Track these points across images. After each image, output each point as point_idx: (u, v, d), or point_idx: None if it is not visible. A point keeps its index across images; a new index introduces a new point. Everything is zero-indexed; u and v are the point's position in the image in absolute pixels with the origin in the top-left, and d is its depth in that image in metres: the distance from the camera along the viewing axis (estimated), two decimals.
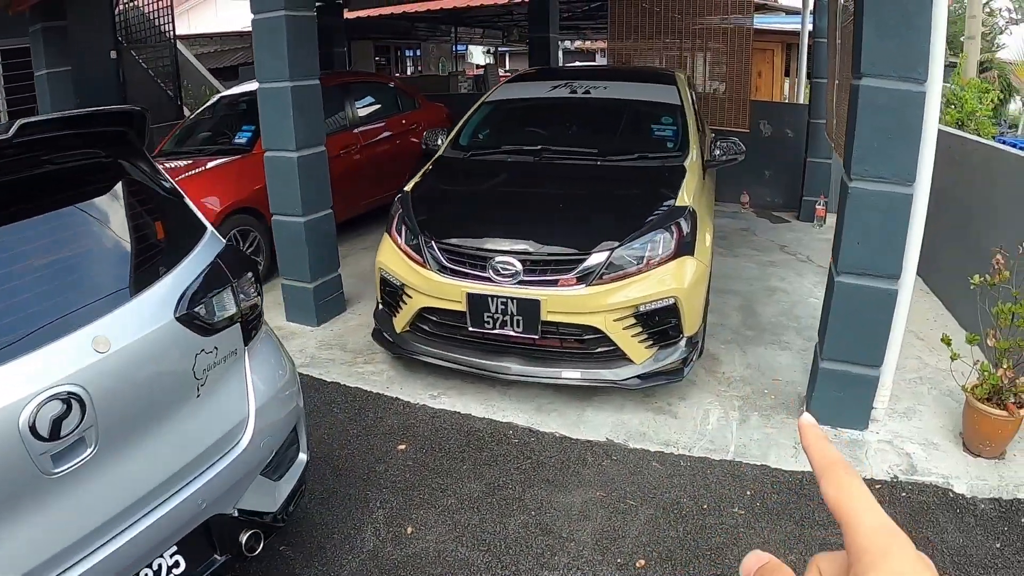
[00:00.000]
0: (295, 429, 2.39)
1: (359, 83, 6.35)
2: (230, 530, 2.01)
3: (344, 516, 2.82)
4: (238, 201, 4.55)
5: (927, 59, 2.86)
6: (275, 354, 2.40)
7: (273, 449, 2.20)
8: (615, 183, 3.77)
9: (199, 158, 4.95)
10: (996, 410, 3.08)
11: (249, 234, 4.77)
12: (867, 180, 3.03)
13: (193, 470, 1.90)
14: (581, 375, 3.33)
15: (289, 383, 2.37)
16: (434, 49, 18.81)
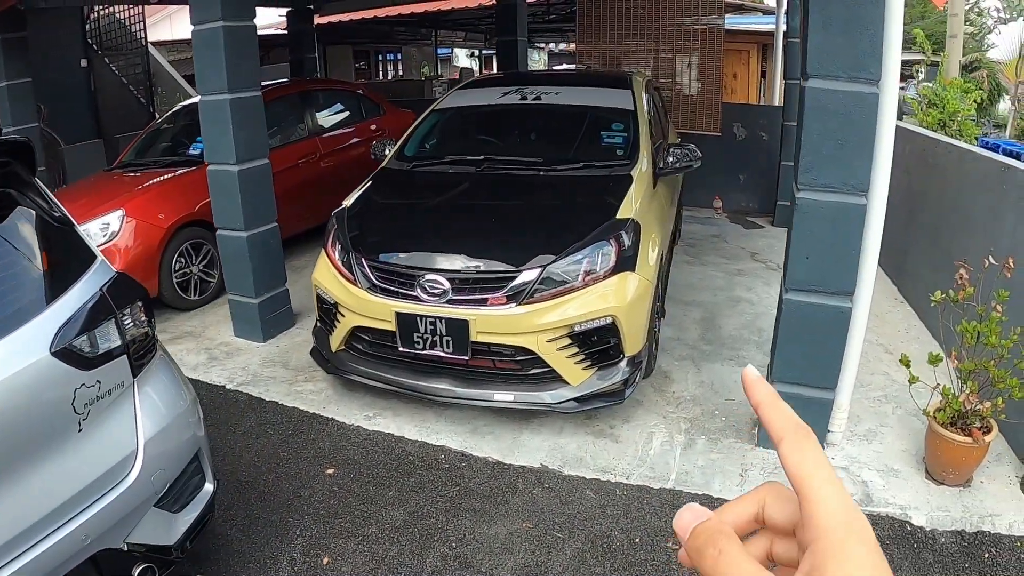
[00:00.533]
0: (196, 459, 2.27)
1: (320, 90, 6.17)
2: (120, 564, 1.95)
3: (263, 544, 2.67)
4: (189, 214, 4.40)
5: (880, 57, 2.61)
6: (171, 384, 2.26)
7: (168, 481, 2.09)
8: (556, 195, 3.54)
9: (154, 170, 4.80)
10: (959, 436, 2.83)
11: (202, 247, 4.61)
12: (816, 190, 2.79)
13: (76, 505, 1.82)
14: (514, 398, 3.12)
15: (186, 413, 2.24)
16: (416, 53, 18.50)
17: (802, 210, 2.82)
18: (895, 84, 2.77)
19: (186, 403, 2.25)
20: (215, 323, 4.44)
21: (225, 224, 3.98)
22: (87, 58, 7.08)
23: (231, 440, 3.33)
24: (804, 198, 2.80)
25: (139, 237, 4.30)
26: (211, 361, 4.02)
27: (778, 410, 0.38)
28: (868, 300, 2.99)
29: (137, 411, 2.05)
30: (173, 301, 4.56)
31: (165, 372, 2.26)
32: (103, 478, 1.89)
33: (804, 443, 0.36)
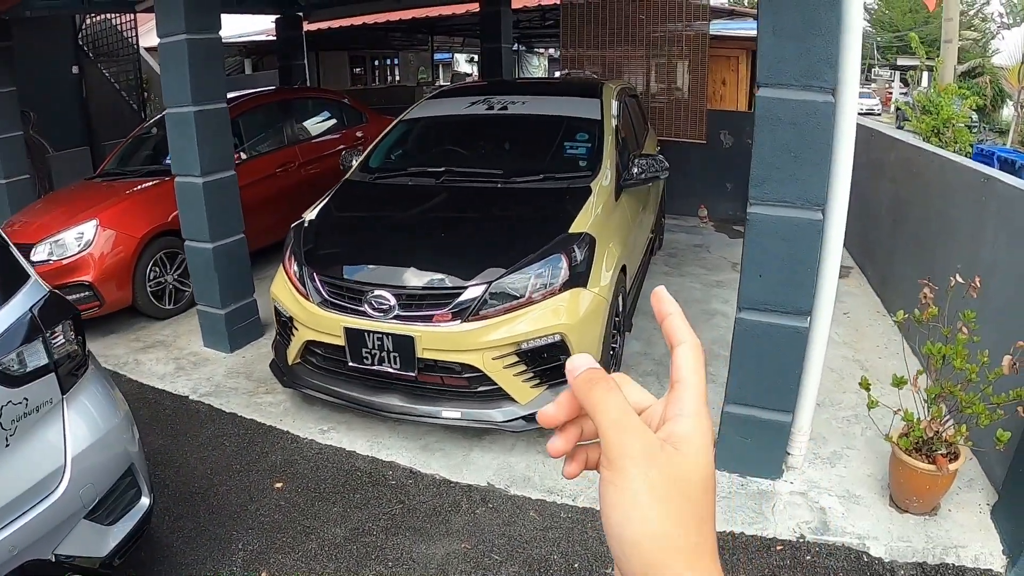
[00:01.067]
0: (131, 473, 2.28)
1: (301, 98, 6.13)
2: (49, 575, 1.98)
3: (205, 557, 2.63)
4: (163, 224, 4.37)
5: (835, 64, 2.46)
6: (102, 400, 2.29)
7: (98, 495, 2.12)
8: (511, 208, 3.44)
9: (132, 180, 4.79)
10: (923, 464, 2.67)
11: (177, 256, 4.58)
12: (768, 204, 2.64)
13: (2, 517, 1.84)
14: (462, 415, 3.02)
15: (118, 429, 2.25)
16: (413, 58, 18.41)
17: (754, 226, 2.68)
18: (854, 92, 2.62)
19: (118, 419, 2.27)
20: (187, 332, 4.41)
21: (192, 235, 3.94)
22: (79, 64, 7.13)
23: (187, 451, 3.29)
24: (756, 213, 2.66)
25: (113, 247, 4.28)
26: (178, 371, 3.98)
27: (682, 322, 0.45)
28: (827, 319, 2.84)
29: (65, 427, 2.08)
30: (147, 310, 4.54)
31: (97, 388, 2.30)
32: (30, 492, 1.92)
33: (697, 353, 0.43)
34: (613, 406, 0.40)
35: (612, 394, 0.41)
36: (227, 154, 3.91)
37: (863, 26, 2.57)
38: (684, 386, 0.42)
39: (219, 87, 3.78)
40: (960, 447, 2.72)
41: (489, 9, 6.88)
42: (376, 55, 16.98)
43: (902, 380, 2.77)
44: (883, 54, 33.85)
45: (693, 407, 0.42)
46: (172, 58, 3.65)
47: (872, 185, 5.04)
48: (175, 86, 3.67)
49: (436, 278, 3.01)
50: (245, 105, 5.35)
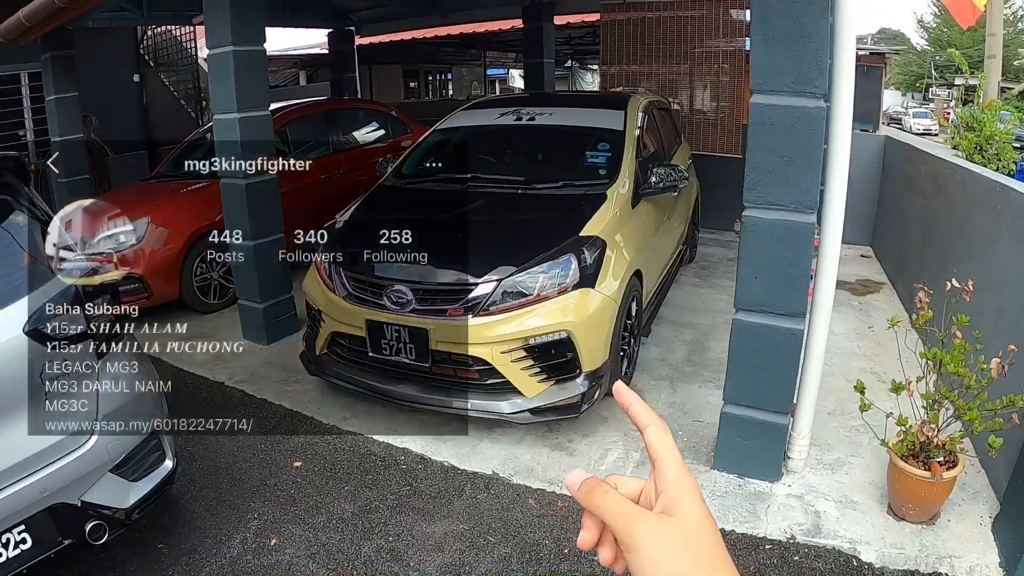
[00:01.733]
0: (156, 437, 2.61)
1: (346, 109, 6.60)
2: (74, 518, 2.28)
3: (223, 522, 2.95)
4: (210, 224, 4.82)
5: (824, 70, 2.61)
6: (135, 370, 2.60)
7: (123, 452, 2.43)
8: (528, 212, 3.70)
9: (183, 181, 5.30)
10: (918, 470, 2.75)
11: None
12: (762, 207, 2.81)
13: (36, 463, 2.15)
14: (471, 406, 3.28)
15: (146, 396, 2.58)
16: (466, 73, 19.06)
17: (749, 228, 2.84)
18: (848, 99, 2.77)
19: (147, 388, 2.57)
20: (229, 326, 4.83)
21: (235, 233, 4.36)
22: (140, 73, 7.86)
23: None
24: (750, 216, 2.83)
25: (162, 243, 4.78)
26: (217, 360, 4.39)
27: (644, 408, 0.57)
28: (825, 322, 2.98)
29: (98, 389, 2.40)
30: (193, 304, 5.01)
31: (131, 359, 2.60)
32: (62, 443, 2.23)
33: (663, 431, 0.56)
34: (611, 503, 0.52)
35: (608, 495, 0.52)
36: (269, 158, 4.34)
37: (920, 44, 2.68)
38: (661, 461, 0.54)
39: (263, 96, 4.21)
40: (959, 454, 2.80)
41: (531, 25, 7.24)
42: (430, 69, 17.73)
43: (900, 385, 2.85)
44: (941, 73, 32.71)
45: (674, 475, 0.53)
46: (219, 68, 4.10)
47: (906, 200, 5.10)
48: (222, 94, 4.12)
49: (450, 274, 3.30)
50: (293, 114, 5.84)
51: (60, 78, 5.87)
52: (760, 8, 2.65)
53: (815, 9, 2.55)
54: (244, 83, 4.04)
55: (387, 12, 7.79)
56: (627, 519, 0.51)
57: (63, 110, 5.95)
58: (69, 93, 5.99)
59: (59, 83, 5.87)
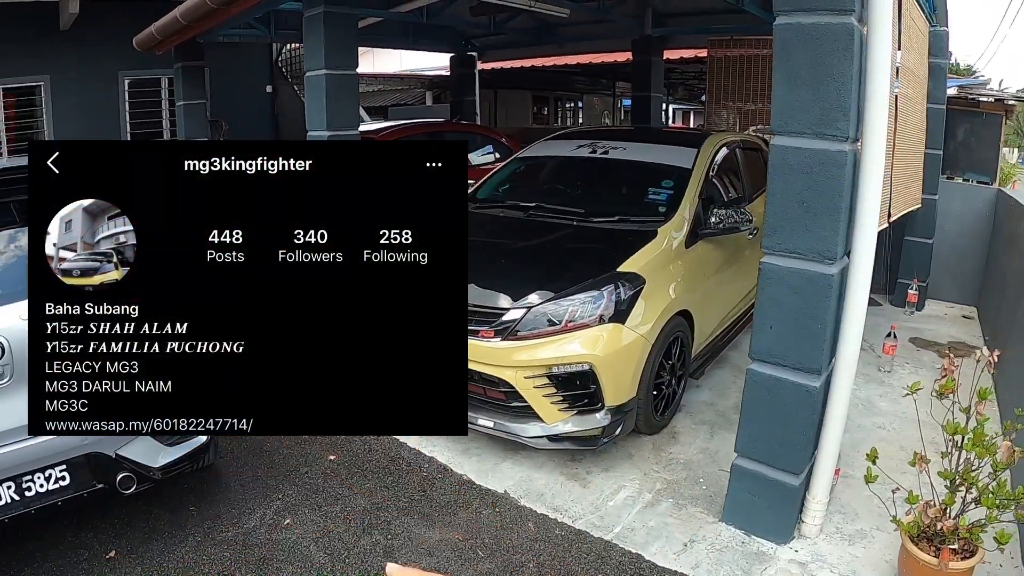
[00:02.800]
0: None
1: (453, 131, 7.13)
2: (108, 467, 2.74)
3: (250, 498, 3.41)
4: None
5: (849, 112, 2.60)
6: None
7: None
8: (578, 243, 3.92)
9: None
10: (924, 555, 2.66)
11: None
12: (780, 255, 2.84)
13: None
14: (493, 425, 3.55)
15: None
16: (598, 102, 19.28)
17: (766, 276, 2.88)
18: (881, 142, 2.72)
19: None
20: None
21: None
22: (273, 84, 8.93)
23: None
24: (768, 263, 2.87)
25: None
26: None
27: None
28: (849, 381, 2.92)
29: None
30: None
31: None
32: None
33: None
34: None
35: None
36: None
37: None
38: None
39: (352, 116, 4.79)
40: (979, 543, 2.64)
41: (640, 58, 7.45)
42: (560, 96, 18.27)
43: (923, 458, 2.75)
44: None
45: None
46: (314, 89, 4.72)
47: (1007, 259, 4.77)
48: (315, 113, 4.74)
49: (487, 297, 3.61)
50: (398, 133, 6.48)
51: (189, 86, 6.88)
52: (782, 46, 2.70)
53: (839, 47, 2.56)
54: (335, 104, 4.63)
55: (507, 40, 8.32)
56: None
57: (191, 115, 6.95)
58: (197, 100, 6.99)
59: (188, 90, 6.88)
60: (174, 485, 3.33)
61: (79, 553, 2.95)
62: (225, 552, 3.02)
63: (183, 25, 5.46)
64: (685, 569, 2.95)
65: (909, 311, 6.19)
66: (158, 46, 6.32)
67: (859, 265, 2.83)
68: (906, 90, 4.66)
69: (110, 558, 2.93)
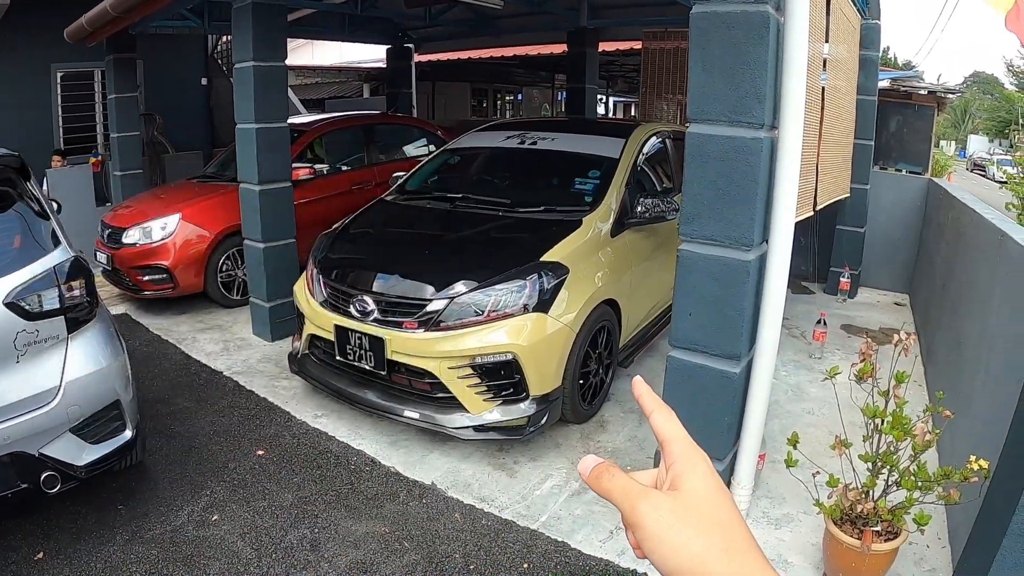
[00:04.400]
0: (117, 407, 3.02)
1: (385, 124, 7.10)
2: (31, 467, 2.70)
3: (178, 495, 3.37)
4: (236, 225, 5.36)
5: (763, 100, 2.63)
6: (102, 347, 3.05)
7: (83, 416, 2.87)
8: (503, 234, 3.94)
9: (221, 183, 5.94)
10: (847, 537, 2.68)
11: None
12: (697, 241, 2.88)
13: (3, 414, 2.62)
14: (419, 416, 3.55)
15: (110, 370, 3.01)
16: (537, 95, 19.34)
17: (684, 263, 2.92)
18: (797, 130, 2.77)
19: (111, 363, 3.01)
20: (243, 321, 5.37)
21: (248, 235, 4.88)
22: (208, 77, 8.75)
23: (203, 414, 4.11)
24: (686, 250, 2.91)
25: (191, 239, 5.39)
26: (223, 351, 4.91)
27: (651, 396, 0.59)
28: (769, 367, 2.99)
29: (66, 358, 2.86)
30: (217, 298, 5.60)
31: (101, 337, 3.06)
32: (28, 399, 2.67)
33: (667, 414, 0.57)
34: (618, 485, 0.54)
35: (615, 478, 0.54)
36: (284, 167, 4.82)
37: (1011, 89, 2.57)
38: (667, 442, 0.55)
39: (281, 109, 4.71)
40: (901, 526, 2.67)
41: (575, 50, 7.51)
42: (499, 89, 18.20)
43: (846, 443, 2.80)
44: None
45: (679, 452, 0.54)
46: (242, 81, 4.63)
47: (935, 247, 4.94)
48: (243, 105, 4.65)
49: (409, 288, 3.60)
50: (330, 126, 6.41)
51: (121, 79, 6.69)
52: (698, 34, 2.73)
53: (755, 35, 2.59)
54: (263, 96, 4.55)
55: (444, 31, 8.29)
56: (631, 498, 0.53)
57: (123, 109, 6.76)
58: (129, 93, 6.81)
59: (120, 83, 6.69)
60: (101, 484, 3.29)
61: (7, 556, 2.91)
62: (153, 550, 2.98)
63: (113, 16, 5.31)
64: (611, 556, 3.00)
65: (841, 299, 6.38)
66: (89, 38, 6.13)
67: (777, 251, 2.88)
68: (835, 81, 4.76)
69: (38, 560, 2.89)
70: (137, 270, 5.39)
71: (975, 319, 3.52)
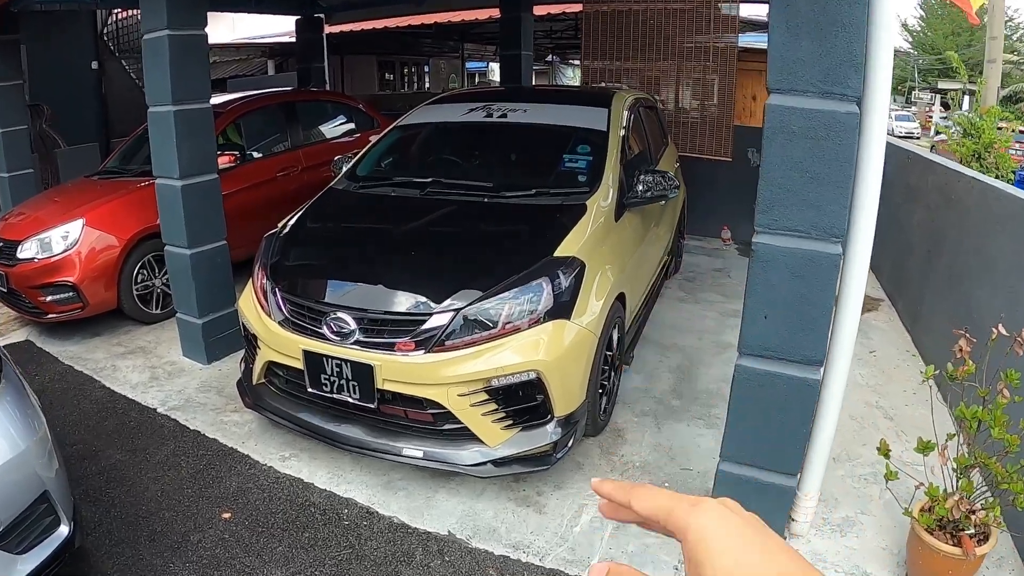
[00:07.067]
0: (46, 499, 2.01)
1: (308, 101, 5.84)
2: None
3: None
4: (151, 227, 4.08)
5: (860, 68, 1.99)
6: (15, 418, 2.00)
7: (4, 522, 1.87)
8: (495, 226, 3.02)
9: (127, 179, 4.55)
10: (946, 546, 2.18)
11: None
12: (777, 233, 2.16)
13: None
14: (424, 454, 2.61)
15: (32, 451, 1.98)
16: (444, 66, 17.92)
17: (760, 258, 2.19)
18: (884, 103, 2.11)
19: (32, 440, 1.99)
20: (169, 340, 4.10)
21: (171, 240, 3.64)
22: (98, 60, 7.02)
23: (143, 469, 2.98)
24: (762, 243, 2.18)
25: (98, 248, 4.03)
26: (152, 380, 3.68)
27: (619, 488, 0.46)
28: (844, 370, 2.34)
29: None
30: (134, 314, 4.27)
31: (12, 408, 2.01)
32: None
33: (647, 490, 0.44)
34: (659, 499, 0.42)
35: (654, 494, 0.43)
36: (209, 156, 3.60)
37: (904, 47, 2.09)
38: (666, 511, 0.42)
39: (202, 86, 3.47)
40: (992, 527, 2.21)
41: (509, 15, 6.47)
42: (406, 61, 16.46)
43: (928, 445, 2.29)
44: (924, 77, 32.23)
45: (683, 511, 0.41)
46: (154, 54, 3.35)
47: (907, 211, 4.46)
48: (156, 84, 3.38)
49: (400, 302, 2.62)
50: (247, 106, 5.08)
51: (3, 65, 5.04)
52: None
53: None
54: (181, 72, 3.31)
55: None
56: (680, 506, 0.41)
57: (7, 99, 5.12)
58: (13, 81, 5.16)
59: (2, 70, 5.04)
60: None
61: None
62: None
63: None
64: None
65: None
66: None
67: (859, 240, 2.21)
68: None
69: None
70: (38, 289, 3.97)
71: (998, 290, 2.98)
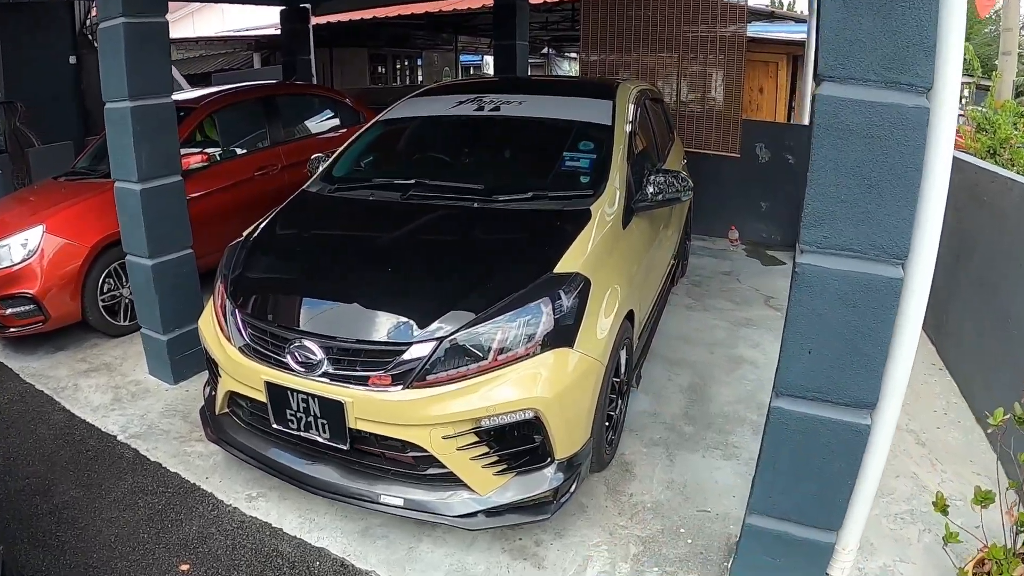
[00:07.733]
0: None
1: (289, 95, 5.32)
2: None
3: None
4: (114, 233, 3.59)
5: (932, 52, 1.54)
6: None
7: None
8: (486, 235, 2.56)
9: (93, 181, 4.07)
10: None
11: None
12: (827, 253, 1.72)
13: None
14: (404, 502, 2.18)
15: None
16: (437, 59, 17.18)
17: (805, 282, 1.74)
18: (954, 98, 1.65)
19: None
20: (136, 355, 3.64)
21: (132, 249, 3.19)
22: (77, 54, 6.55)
23: (98, 508, 2.55)
24: (808, 265, 1.73)
25: (60, 256, 3.57)
26: (114, 402, 3.24)
27: None
28: (895, 414, 1.90)
29: None
30: (100, 326, 3.81)
31: None
32: None
33: None
34: None
35: None
36: (171, 157, 3.13)
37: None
38: None
39: (163, 80, 3.00)
40: None
41: (503, 3, 5.97)
42: (399, 54, 15.66)
43: (988, 496, 1.88)
44: None
45: None
46: (109, 45, 2.89)
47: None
48: (112, 78, 2.91)
49: (374, 328, 2.17)
50: (222, 101, 4.57)
51: None
52: None
53: None
54: (138, 64, 2.85)
55: None
56: None
57: None
58: None
59: None
60: None
61: None
62: None
63: None
64: None
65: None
66: None
67: (920, 262, 1.75)
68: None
69: None
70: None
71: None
